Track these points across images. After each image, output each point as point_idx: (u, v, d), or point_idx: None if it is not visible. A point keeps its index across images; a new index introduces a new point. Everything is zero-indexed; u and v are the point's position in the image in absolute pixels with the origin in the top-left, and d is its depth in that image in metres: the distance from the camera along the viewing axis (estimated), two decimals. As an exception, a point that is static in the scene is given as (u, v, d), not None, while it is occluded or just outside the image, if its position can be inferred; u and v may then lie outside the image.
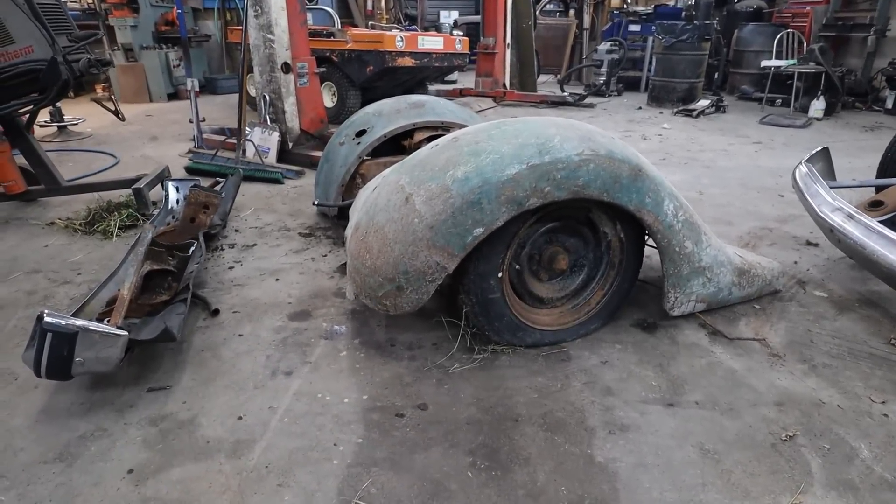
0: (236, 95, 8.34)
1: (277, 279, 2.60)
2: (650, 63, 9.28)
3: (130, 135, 5.77)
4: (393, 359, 1.98)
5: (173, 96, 8.07)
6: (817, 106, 6.84)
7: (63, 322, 1.54)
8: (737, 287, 2.24)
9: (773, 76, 7.47)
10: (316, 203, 3.02)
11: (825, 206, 2.48)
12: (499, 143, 1.73)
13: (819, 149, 2.92)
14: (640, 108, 7.89)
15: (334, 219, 3.33)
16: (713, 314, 2.25)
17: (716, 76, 9.33)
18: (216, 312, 2.27)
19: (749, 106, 8.07)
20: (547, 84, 10.54)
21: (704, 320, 2.19)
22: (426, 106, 3.31)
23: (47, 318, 1.52)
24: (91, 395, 1.75)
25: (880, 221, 2.35)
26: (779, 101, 7.82)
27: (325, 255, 2.89)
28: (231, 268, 2.74)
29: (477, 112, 7.42)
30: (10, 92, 2.94)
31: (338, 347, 2.05)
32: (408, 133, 3.13)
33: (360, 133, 3.16)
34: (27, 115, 3.26)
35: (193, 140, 5.11)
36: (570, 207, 1.94)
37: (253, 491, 1.41)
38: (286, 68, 4.49)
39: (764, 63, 7.50)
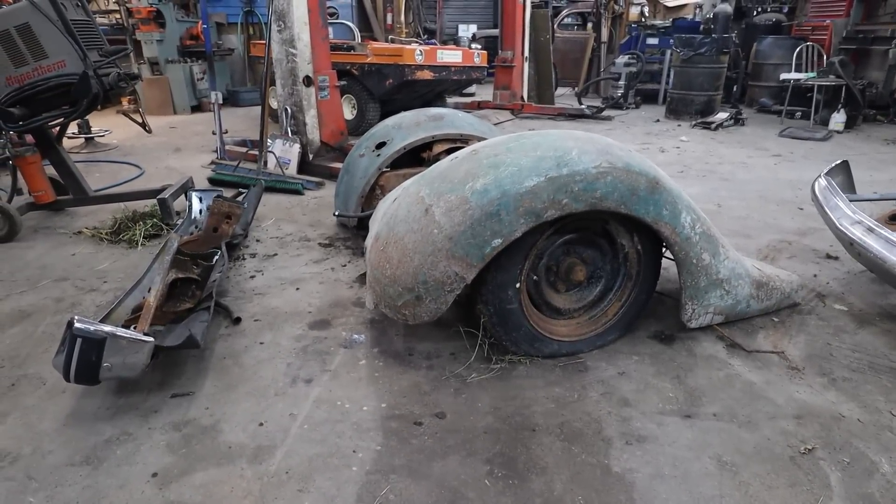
0: (258, 108, 8.51)
1: (298, 288, 2.65)
2: (668, 76, 9.27)
3: (155, 146, 5.93)
4: (411, 368, 2.00)
5: (196, 108, 8.27)
6: (838, 119, 6.77)
7: (92, 328, 1.60)
8: (755, 300, 2.23)
9: (793, 89, 7.41)
10: (336, 214, 3.08)
11: (845, 219, 2.46)
12: (517, 156, 1.77)
13: (838, 161, 2.91)
14: (658, 120, 7.87)
15: (354, 229, 3.38)
16: (731, 326, 2.24)
17: (734, 89, 9.28)
18: (238, 321, 2.32)
19: (768, 119, 8.01)
20: (565, 97, 10.57)
21: (722, 332, 2.18)
22: (445, 119, 3.36)
23: (77, 325, 1.58)
24: (117, 401, 1.81)
25: (901, 235, 2.33)
26: (798, 113, 7.74)
27: (345, 266, 2.94)
28: (252, 277, 2.80)
29: (495, 124, 7.48)
30: (42, 104, 3.06)
31: (357, 356, 2.09)
32: (427, 145, 3.18)
33: (380, 145, 3.22)
34: (58, 128, 3.38)
35: (216, 151, 5.23)
36: (588, 219, 1.96)
37: (274, 496, 1.44)
38: (308, 81, 4.59)
39: (783, 76, 7.45)
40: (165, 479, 1.50)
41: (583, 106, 7.92)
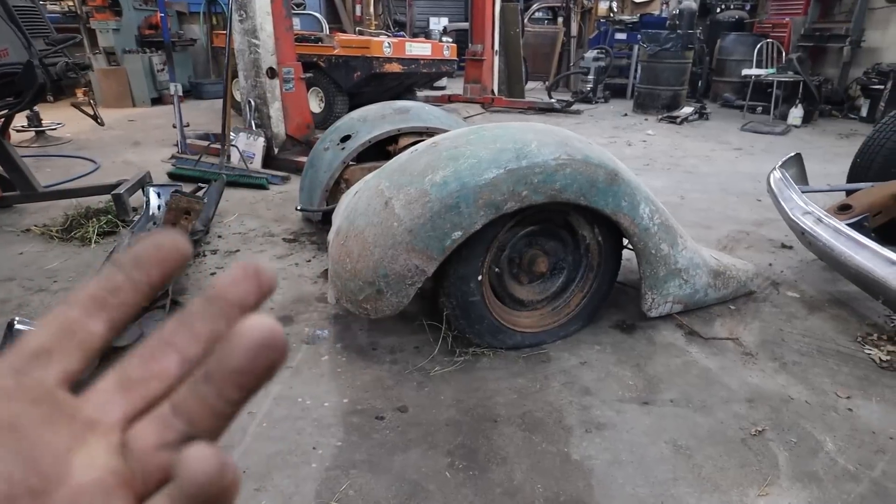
0: (221, 101, 8.30)
1: (260, 284, 2.60)
2: (636, 71, 9.42)
3: (112, 140, 5.73)
4: (374, 362, 1.99)
5: (157, 101, 8.02)
6: (795, 114, 6.99)
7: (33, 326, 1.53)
8: (712, 288, 2.29)
9: (754, 85, 7.62)
10: (299, 208, 3.03)
11: (797, 210, 2.55)
12: (477, 148, 1.76)
13: (792, 154, 3.00)
14: (626, 114, 8.00)
15: (318, 224, 3.33)
16: (690, 315, 2.29)
17: (699, 84, 9.49)
18: (197, 317, 2.27)
19: (731, 113, 8.22)
20: (535, 91, 10.63)
21: (681, 321, 2.24)
22: (411, 112, 3.34)
23: (18, 325, 1.51)
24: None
25: (848, 224, 2.42)
26: (759, 108, 7.97)
27: (309, 261, 2.90)
28: (213, 273, 2.73)
29: (465, 118, 7.48)
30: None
31: (319, 352, 2.06)
32: (393, 138, 3.15)
33: (345, 138, 3.18)
34: (2, 120, 3.23)
35: (177, 145, 5.08)
36: (549, 211, 1.97)
37: (231, 493, 1.41)
38: (272, 73, 4.50)
39: (745, 72, 7.65)
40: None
41: (553, 100, 7.98)
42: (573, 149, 1.82)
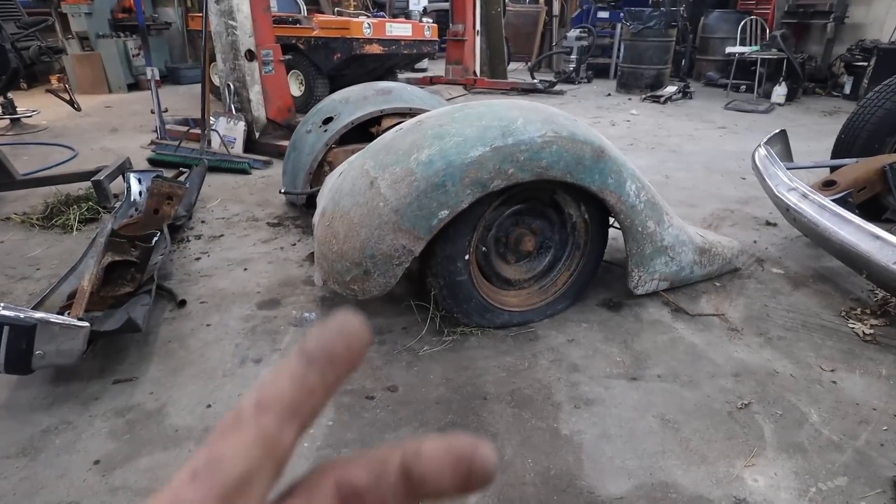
0: (199, 86, 8.14)
1: (245, 269, 2.58)
2: (619, 50, 9.38)
3: (89, 127, 5.58)
4: (363, 344, 1.98)
5: (134, 87, 7.83)
6: (779, 92, 7.03)
7: (20, 315, 1.50)
8: (698, 265, 2.31)
9: (738, 63, 7.64)
10: (283, 191, 2.99)
11: (782, 186, 2.57)
12: (462, 126, 1.74)
13: (777, 131, 3.02)
14: (610, 94, 7.98)
15: (303, 207, 3.30)
16: (676, 292, 2.31)
17: (683, 62, 9.49)
18: (183, 303, 2.24)
19: (715, 92, 8.25)
20: (517, 72, 10.54)
21: (667, 298, 2.26)
22: (394, 92, 3.29)
23: (3, 311, 1.48)
24: (54, 389, 1.72)
25: (833, 200, 2.45)
26: (743, 87, 8.00)
27: (294, 245, 2.87)
28: (198, 259, 2.69)
29: (448, 100, 7.41)
30: (-44, 81, 2.83)
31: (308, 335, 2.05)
32: (375, 120, 3.11)
33: (327, 120, 3.13)
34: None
35: (156, 131, 4.97)
36: (535, 189, 1.96)
37: (222, 477, 1.41)
38: (250, 56, 4.40)
39: (728, 49, 7.66)
40: (108, 465, 1.44)
41: (536, 81, 7.93)
42: (559, 126, 1.81)
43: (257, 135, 4.66)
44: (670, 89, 7.45)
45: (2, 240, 2.89)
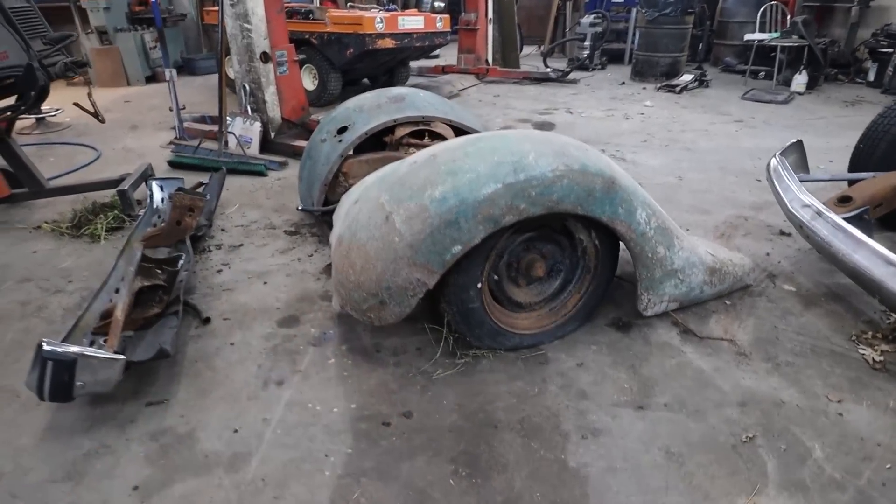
0: (215, 76, 8.18)
1: (265, 282, 2.67)
2: (634, 35, 9.20)
3: (110, 124, 5.67)
4: (379, 365, 2.07)
5: (151, 79, 7.91)
6: (799, 80, 6.88)
7: (61, 350, 1.60)
8: (708, 285, 2.34)
9: (757, 48, 7.46)
10: (300, 208, 3.06)
11: (796, 201, 2.56)
12: (475, 162, 1.78)
13: (793, 141, 2.99)
14: (624, 83, 7.87)
15: (318, 216, 3.36)
16: (686, 311, 2.35)
17: (700, 47, 9.28)
18: (207, 321, 2.34)
19: (732, 79, 8.08)
20: (530, 56, 10.42)
21: (677, 318, 2.30)
22: (406, 100, 3.32)
23: (46, 347, 1.58)
24: (92, 412, 1.83)
25: (847, 218, 2.44)
26: (762, 73, 7.83)
27: (311, 255, 2.95)
28: (219, 271, 2.79)
29: (459, 90, 7.38)
30: (-15, 97, 2.91)
31: (326, 354, 2.14)
32: (389, 128, 3.15)
33: (342, 130, 3.17)
34: (5, 122, 3.22)
35: (174, 129, 5.05)
36: (546, 217, 2.00)
37: (250, 504, 1.51)
38: (265, 58, 4.43)
39: (747, 36, 7.48)
40: (146, 491, 1.55)
41: (548, 69, 7.84)
42: (570, 158, 1.84)
43: (272, 135, 4.72)
44: (686, 78, 7.32)
45: (34, 249, 3.01)
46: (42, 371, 1.59)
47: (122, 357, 1.68)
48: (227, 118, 4.57)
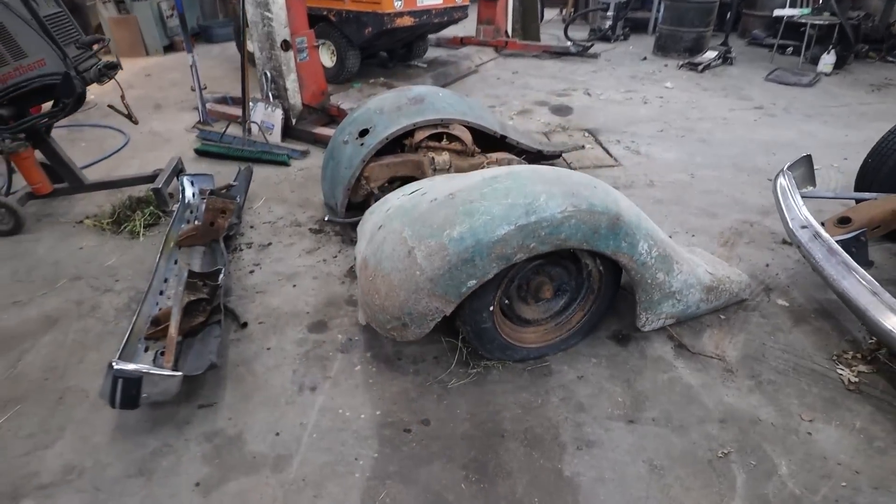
0: (233, 44, 8.21)
1: (294, 285, 2.90)
2: (659, 4, 8.93)
3: (134, 102, 5.76)
4: (400, 373, 2.31)
5: (169, 48, 7.97)
6: (827, 60, 6.73)
7: (129, 368, 1.87)
8: (705, 302, 2.52)
9: (787, 23, 7.26)
10: (327, 219, 3.28)
11: (796, 221, 2.69)
12: (490, 204, 1.96)
13: (802, 156, 3.08)
14: (645, 58, 7.74)
15: (342, 214, 3.56)
16: (681, 325, 2.54)
17: (728, 16, 8.99)
18: (245, 325, 2.59)
19: (758, 54, 7.90)
20: (552, 23, 10.19)
21: (672, 332, 2.50)
22: (426, 101, 3.44)
23: (116, 367, 1.84)
24: (152, 413, 2.12)
25: (843, 240, 2.58)
26: (790, 49, 7.65)
27: (335, 257, 3.16)
28: (251, 272, 3.03)
29: (477, 66, 7.34)
30: (27, 102, 3.09)
31: (353, 361, 2.39)
32: (409, 131, 3.30)
33: (363, 132, 3.32)
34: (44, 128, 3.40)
35: (197, 109, 5.20)
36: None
37: (295, 502, 1.79)
38: (286, 46, 4.51)
39: (776, 13, 7.26)
40: (206, 488, 1.84)
41: (568, 43, 7.72)
42: (579, 198, 2.00)
43: (294, 121, 4.85)
44: (710, 55, 7.19)
45: (80, 246, 3.27)
46: (114, 386, 1.87)
47: (179, 374, 1.94)
48: (250, 103, 4.70)
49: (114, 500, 1.80)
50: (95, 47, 3.24)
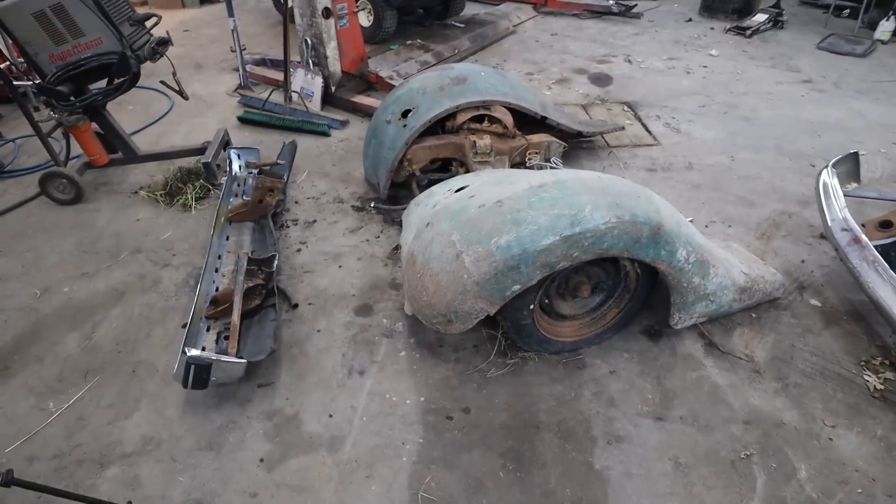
0: (270, 2, 7.97)
1: (340, 266, 3.05)
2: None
3: (176, 62, 5.86)
4: (442, 361, 2.48)
5: (205, 0, 7.88)
6: (885, 27, 6.32)
7: (200, 355, 2.06)
8: (737, 302, 2.59)
9: (846, -17, 6.80)
10: (372, 206, 3.42)
11: (836, 223, 2.70)
12: (537, 214, 2.03)
13: (849, 153, 3.02)
14: (690, 19, 7.37)
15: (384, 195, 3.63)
16: (713, 322, 2.63)
17: (784, -29, 8.41)
18: (296, 306, 2.77)
19: (812, 16, 7.45)
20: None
21: (703, 330, 2.59)
22: (468, 81, 3.45)
23: (189, 354, 2.04)
24: (216, 390, 2.33)
25: (883, 245, 2.59)
26: (846, 11, 7.19)
27: (378, 237, 3.29)
28: (298, 250, 3.18)
29: (515, 26, 7.12)
30: (85, 79, 3.20)
31: (397, 347, 2.55)
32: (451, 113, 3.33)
33: (406, 113, 3.37)
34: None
35: (237, 70, 5.24)
36: (596, 251, 2.26)
37: (349, 481, 2.01)
38: (327, 13, 4.48)
39: (837, -30, 6.77)
40: (270, 464, 2.06)
41: (611, 1, 7.38)
42: (623, 209, 2.06)
43: (333, 89, 4.87)
44: (759, 18, 6.81)
45: (137, 217, 3.45)
46: (187, 370, 2.07)
47: (244, 361, 2.14)
48: (290, 69, 4.72)
49: (189, 471, 2.04)
50: (148, 24, 3.29)
